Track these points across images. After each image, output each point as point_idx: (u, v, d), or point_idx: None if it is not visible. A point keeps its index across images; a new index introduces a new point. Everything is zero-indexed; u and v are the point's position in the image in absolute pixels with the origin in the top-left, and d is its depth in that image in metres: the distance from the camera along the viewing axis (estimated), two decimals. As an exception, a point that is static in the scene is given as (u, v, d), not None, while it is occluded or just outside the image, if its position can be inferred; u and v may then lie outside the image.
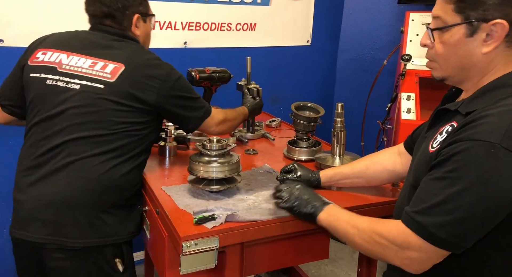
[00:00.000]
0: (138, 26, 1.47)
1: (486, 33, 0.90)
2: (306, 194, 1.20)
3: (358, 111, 2.88)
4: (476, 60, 0.94)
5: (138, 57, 1.39)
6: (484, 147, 0.82)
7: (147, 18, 1.51)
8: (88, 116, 1.31)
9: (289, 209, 1.21)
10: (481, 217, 0.85)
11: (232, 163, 1.34)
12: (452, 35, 0.93)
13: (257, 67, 2.71)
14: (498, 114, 0.85)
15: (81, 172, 1.29)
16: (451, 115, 0.97)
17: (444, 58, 0.97)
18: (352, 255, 2.72)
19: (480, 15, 0.89)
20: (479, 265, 0.94)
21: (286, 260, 1.37)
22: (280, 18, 2.71)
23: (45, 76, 1.35)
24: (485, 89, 0.94)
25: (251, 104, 1.87)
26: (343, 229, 1.07)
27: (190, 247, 1.11)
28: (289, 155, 1.74)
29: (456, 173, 0.85)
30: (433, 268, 0.95)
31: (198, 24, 2.42)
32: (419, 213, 0.90)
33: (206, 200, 1.31)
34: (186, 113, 1.45)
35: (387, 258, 0.98)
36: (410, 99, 2.31)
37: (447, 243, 0.87)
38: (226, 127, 1.60)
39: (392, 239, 0.94)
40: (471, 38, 0.91)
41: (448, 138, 0.91)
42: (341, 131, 1.56)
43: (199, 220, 1.16)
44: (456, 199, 0.85)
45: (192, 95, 1.46)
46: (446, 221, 0.86)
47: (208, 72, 2.09)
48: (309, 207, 1.16)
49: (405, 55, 2.33)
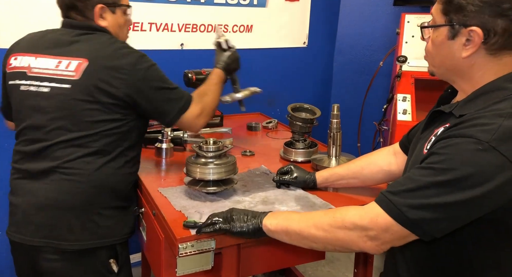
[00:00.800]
0: (104, 17, 1.36)
1: (466, 38, 0.92)
2: (243, 213, 1.13)
3: (354, 112, 2.89)
4: (457, 63, 0.96)
5: (103, 49, 1.29)
6: (473, 144, 0.84)
7: (116, 9, 1.40)
8: (65, 119, 1.27)
9: (229, 231, 1.11)
10: (455, 210, 0.85)
11: (229, 164, 1.34)
12: (438, 35, 0.96)
13: (254, 69, 2.72)
14: (490, 117, 0.87)
15: (69, 176, 1.27)
16: (445, 117, 0.98)
17: (431, 55, 1.01)
18: (348, 256, 2.73)
19: (460, 20, 0.91)
20: (468, 265, 0.94)
21: (283, 261, 1.37)
22: (277, 20, 2.72)
23: (19, 82, 1.31)
24: (478, 92, 0.95)
25: (223, 60, 1.64)
26: (296, 226, 1.03)
27: (186, 248, 1.11)
28: (285, 156, 1.75)
29: (440, 164, 0.86)
30: (423, 268, 0.96)
31: (195, 25, 2.42)
32: (394, 193, 0.91)
33: (202, 202, 1.31)
34: (160, 105, 1.34)
35: (349, 244, 0.97)
36: (406, 100, 2.32)
37: (415, 225, 0.88)
38: (207, 111, 1.44)
39: (355, 221, 0.94)
40: (453, 40, 0.94)
41: (439, 136, 0.93)
42: (337, 132, 1.57)
43: (187, 223, 1.15)
44: (435, 187, 0.86)
45: (167, 85, 1.35)
46: (418, 203, 0.87)
47: (204, 74, 2.09)
48: (249, 222, 1.10)
49: (400, 57, 2.34)
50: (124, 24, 1.45)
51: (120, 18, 1.42)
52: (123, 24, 1.44)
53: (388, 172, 1.32)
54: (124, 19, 1.44)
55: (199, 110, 1.40)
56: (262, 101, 2.80)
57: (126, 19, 1.46)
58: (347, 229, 0.96)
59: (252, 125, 2.18)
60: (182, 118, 1.37)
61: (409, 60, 2.33)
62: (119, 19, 1.42)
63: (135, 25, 2.21)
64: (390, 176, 1.34)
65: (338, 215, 0.99)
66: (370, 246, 0.95)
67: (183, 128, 1.54)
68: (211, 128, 2.08)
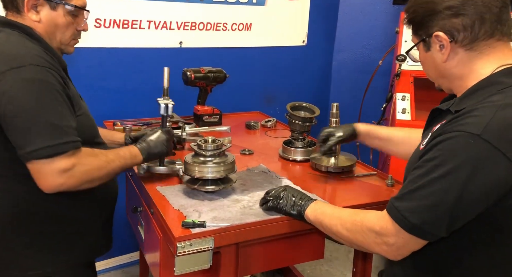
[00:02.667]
0: (38, 10, 1.21)
1: (439, 44, 0.99)
2: (292, 194, 1.22)
3: (353, 111, 2.89)
4: (443, 68, 1.01)
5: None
6: (464, 137, 0.85)
7: (58, 6, 1.23)
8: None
9: (277, 209, 1.22)
10: (453, 205, 0.86)
11: (227, 163, 1.34)
12: (420, 52, 1.06)
13: (253, 67, 2.72)
14: (483, 109, 0.88)
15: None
16: (443, 115, 1.00)
17: (426, 71, 1.09)
18: (347, 255, 2.73)
19: (425, 32, 1.01)
20: (464, 262, 0.95)
21: (281, 260, 1.37)
22: (276, 18, 2.71)
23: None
24: (474, 88, 0.96)
25: (147, 141, 1.36)
26: (328, 222, 1.11)
27: (184, 247, 1.11)
28: (284, 155, 1.74)
29: (435, 161, 0.88)
30: (420, 266, 0.98)
31: (194, 24, 2.42)
32: (398, 199, 0.94)
33: (201, 201, 1.31)
34: (15, 134, 1.09)
35: (368, 246, 1.01)
36: (405, 99, 2.32)
37: (418, 228, 0.89)
38: (78, 175, 1.12)
39: (371, 226, 0.98)
40: (430, 51, 1.02)
41: (435, 133, 0.94)
42: (336, 131, 1.57)
43: (186, 224, 1.15)
44: (430, 185, 0.87)
45: (36, 113, 1.07)
46: (418, 206, 0.89)
47: (203, 72, 2.09)
48: (295, 206, 1.20)
49: (400, 56, 2.33)
50: (64, 27, 1.26)
51: (60, 17, 1.24)
52: (62, 26, 1.26)
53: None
54: (66, 20, 1.26)
55: (67, 166, 1.09)
56: (261, 100, 2.80)
57: (70, 22, 1.27)
58: (364, 233, 1.00)
59: (251, 124, 2.17)
60: (36, 163, 1.08)
61: (408, 59, 2.33)
62: (58, 19, 1.24)
63: (133, 23, 2.21)
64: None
65: (358, 218, 1.03)
66: (386, 251, 0.97)
67: (32, 175, 1.11)
68: (210, 126, 2.07)
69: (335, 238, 1.11)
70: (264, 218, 1.22)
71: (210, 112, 2.15)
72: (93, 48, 2.14)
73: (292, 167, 1.68)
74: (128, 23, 2.20)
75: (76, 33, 1.32)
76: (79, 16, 1.30)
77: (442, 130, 0.91)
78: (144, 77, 2.30)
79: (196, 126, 2.09)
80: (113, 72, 2.24)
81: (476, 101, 0.91)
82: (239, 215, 1.22)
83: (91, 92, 2.17)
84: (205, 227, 1.15)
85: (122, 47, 2.22)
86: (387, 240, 0.95)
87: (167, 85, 1.48)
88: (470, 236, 0.92)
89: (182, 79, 2.09)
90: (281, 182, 1.45)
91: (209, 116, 2.15)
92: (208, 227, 1.15)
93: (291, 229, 1.25)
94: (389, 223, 0.94)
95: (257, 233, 1.21)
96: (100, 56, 2.18)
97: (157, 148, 1.37)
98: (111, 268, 2.48)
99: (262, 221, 1.21)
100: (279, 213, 1.23)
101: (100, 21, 2.12)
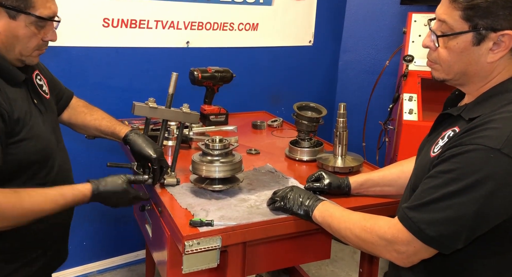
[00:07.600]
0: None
1: (493, 42, 0.89)
2: (299, 194, 1.22)
3: (359, 111, 2.88)
4: (480, 68, 0.93)
5: None
6: (484, 151, 0.83)
7: (19, 16, 1.10)
8: None
9: (284, 210, 1.22)
10: (472, 220, 0.85)
11: (234, 162, 1.35)
12: (458, 42, 0.92)
13: (259, 67, 2.72)
14: (502, 120, 0.86)
15: None
16: (453, 120, 0.98)
17: (448, 63, 0.96)
18: (352, 255, 2.72)
19: (489, 25, 0.88)
20: (467, 266, 0.94)
21: (288, 260, 1.38)
22: (283, 18, 2.71)
23: None
24: (488, 94, 0.94)
25: (103, 183, 1.20)
26: (336, 225, 1.10)
27: (192, 246, 1.11)
28: (291, 155, 1.74)
29: (453, 174, 0.86)
30: (425, 269, 0.97)
31: (201, 23, 2.42)
32: (412, 209, 0.92)
33: (208, 200, 1.31)
34: None
35: (377, 252, 1.01)
36: (412, 100, 2.31)
37: (435, 241, 0.89)
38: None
39: (381, 234, 0.97)
40: (478, 46, 0.90)
41: (450, 142, 0.92)
42: (343, 131, 1.57)
43: (193, 222, 1.15)
44: (449, 198, 0.86)
45: None
46: (436, 219, 0.87)
47: (210, 72, 2.09)
48: (303, 206, 1.19)
49: (407, 56, 2.33)
50: (26, 38, 1.14)
51: (20, 28, 1.12)
52: (24, 37, 1.13)
53: None
54: (28, 31, 1.13)
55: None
56: (267, 99, 2.80)
57: (33, 33, 1.14)
58: (374, 240, 0.99)
59: (257, 124, 2.17)
60: None
61: (415, 60, 2.32)
62: (18, 30, 1.12)
63: (141, 23, 2.22)
64: None
65: (369, 224, 1.01)
66: (396, 258, 0.96)
67: None
68: (217, 126, 2.08)
69: (343, 241, 1.11)
70: (271, 217, 1.22)
71: (217, 112, 2.16)
72: (101, 48, 2.15)
73: (299, 167, 1.68)
74: (135, 23, 2.21)
75: (41, 44, 1.19)
76: (46, 27, 1.17)
77: (458, 142, 0.88)
78: (151, 77, 2.31)
79: (203, 125, 2.10)
80: (120, 71, 2.25)
81: (491, 110, 0.90)
82: (246, 214, 1.23)
83: (98, 91, 2.19)
84: (212, 225, 1.15)
85: (129, 47, 2.23)
86: (398, 248, 0.94)
87: (172, 92, 1.37)
88: (483, 245, 0.91)
89: (189, 79, 2.09)
90: (287, 182, 1.46)
91: (216, 116, 2.16)
92: (215, 226, 1.15)
93: (297, 229, 1.26)
94: (401, 232, 0.93)
95: (264, 233, 1.22)
96: (108, 55, 2.19)
97: (110, 200, 1.22)
98: (117, 266, 2.49)
99: (269, 220, 1.21)
100: (286, 213, 1.23)
101: (108, 21, 2.13)
